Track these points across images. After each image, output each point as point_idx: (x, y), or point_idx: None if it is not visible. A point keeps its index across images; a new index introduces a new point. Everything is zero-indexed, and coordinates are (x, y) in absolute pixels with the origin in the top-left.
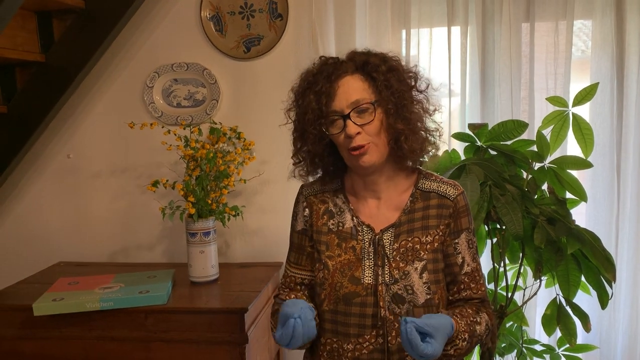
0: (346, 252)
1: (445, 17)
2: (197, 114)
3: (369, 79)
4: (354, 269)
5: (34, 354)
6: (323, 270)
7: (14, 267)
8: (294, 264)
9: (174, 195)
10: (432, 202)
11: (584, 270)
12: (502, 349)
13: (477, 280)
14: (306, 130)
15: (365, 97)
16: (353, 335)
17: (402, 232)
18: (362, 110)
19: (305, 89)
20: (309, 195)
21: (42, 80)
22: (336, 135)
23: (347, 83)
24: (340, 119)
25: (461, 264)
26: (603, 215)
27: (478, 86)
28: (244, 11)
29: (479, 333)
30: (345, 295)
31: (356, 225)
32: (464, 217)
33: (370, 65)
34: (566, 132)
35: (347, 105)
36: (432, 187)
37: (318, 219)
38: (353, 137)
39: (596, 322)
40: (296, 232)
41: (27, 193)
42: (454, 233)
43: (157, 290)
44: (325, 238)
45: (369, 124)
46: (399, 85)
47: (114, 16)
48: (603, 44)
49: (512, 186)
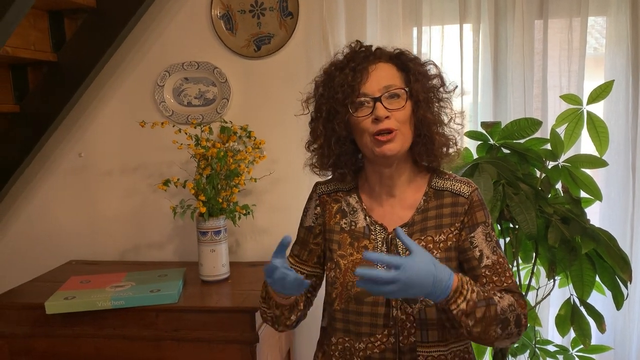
0: (358, 252)
1: (457, 15)
2: (208, 113)
3: (402, 69)
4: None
5: (46, 352)
6: (335, 269)
7: (26, 266)
8: (295, 257)
9: (185, 194)
10: (446, 200)
11: (599, 270)
12: (515, 349)
13: (500, 272)
14: (335, 110)
15: (397, 83)
16: (364, 334)
17: (416, 232)
18: (393, 95)
19: (341, 68)
20: (322, 193)
21: (53, 79)
22: (362, 117)
23: (381, 68)
24: (369, 103)
25: (479, 257)
26: (618, 214)
27: (490, 84)
28: (255, 9)
29: (500, 307)
30: (356, 294)
31: (369, 224)
32: (479, 211)
33: (404, 56)
34: (580, 130)
35: (379, 89)
36: (446, 186)
37: (331, 218)
38: (382, 120)
39: (610, 323)
40: (303, 227)
41: (38, 192)
42: (470, 227)
43: (168, 289)
44: (338, 237)
45: (398, 110)
46: (430, 80)
47: (125, 15)
48: (618, 41)
49: (525, 185)
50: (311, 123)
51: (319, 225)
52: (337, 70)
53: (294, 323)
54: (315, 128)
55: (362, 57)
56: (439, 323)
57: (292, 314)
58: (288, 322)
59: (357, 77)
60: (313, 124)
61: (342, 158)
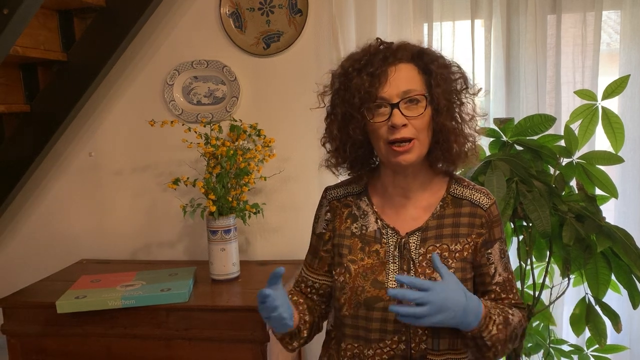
0: (369, 256)
1: (469, 10)
2: (217, 112)
3: (423, 71)
4: (377, 273)
5: (57, 351)
6: (344, 274)
7: (37, 265)
8: (308, 266)
9: (195, 193)
10: (464, 209)
11: (614, 269)
12: (529, 349)
13: (508, 290)
14: (350, 115)
15: (417, 88)
16: (374, 340)
17: (430, 238)
18: (412, 101)
19: (359, 70)
20: (332, 199)
21: (64, 79)
22: (379, 124)
23: (400, 70)
24: (386, 107)
25: (493, 275)
26: (634, 211)
27: (503, 80)
28: (264, 7)
29: (514, 324)
30: (366, 299)
31: (380, 228)
32: (497, 226)
33: (427, 56)
34: (595, 126)
35: (397, 94)
36: (465, 194)
37: (341, 223)
38: (398, 129)
39: (626, 322)
40: (315, 235)
41: (49, 192)
42: (488, 243)
43: (179, 288)
44: (348, 242)
45: (417, 118)
46: (453, 83)
47: (134, 14)
48: (633, 35)
49: (539, 182)
50: (326, 119)
51: (329, 231)
52: (354, 71)
53: (298, 346)
54: (330, 128)
55: (381, 58)
56: (452, 331)
57: (294, 341)
58: (290, 347)
59: (375, 81)
60: (328, 121)
61: (357, 161)
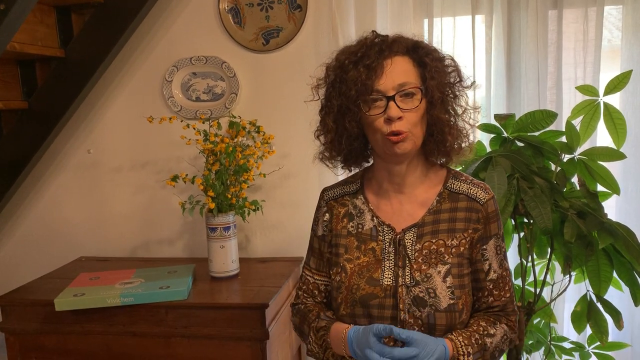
0: (365, 255)
1: (469, 5)
2: (216, 108)
3: (418, 64)
4: (372, 271)
5: (55, 349)
6: (340, 274)
7: (35, 262)
8: (315, 270)
9: (194, 190)
10: (461, 204)
11: (616, 266)
12: (530, 346)
13: (500, 287)
14: (347, 107)
15: (412, 81)
16: None
17: (426, 233)
18: (407, 94)
19: (355, 62)
20: (329, 200)
21: (61, 75)
22: (374, 117)
23: (396, 63)
24: (382, 100)
25: (487, 271)
26: (635, 208)
27: (503, 76)
28: (263, 3)
29: (493, 346)
30: (362, 297)
31: (376, 225)
32: (494, 222)
33: (422, 49)
34: (597, 122)
35: (393, 87)
36: (462, 189)
37: (338, 222)
38: (393, 121)
39: (628, 319)
40: (317, 237)
41: (48, 189)
42: (483, 239)
43: (178, 286)
44: (345, 241)
45: (411, 111)
46: (447, 76)
47: (132, 10)
48: (635, 31)
49: (540, 179)
50: (321, 112)
51: (329, 232)
52: (350, 63)
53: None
54: (326, 121)
55: (377, 51)
56: (448, 328)
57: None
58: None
59: (371, 74)
60: (323, 114)
61: (352, 154)
